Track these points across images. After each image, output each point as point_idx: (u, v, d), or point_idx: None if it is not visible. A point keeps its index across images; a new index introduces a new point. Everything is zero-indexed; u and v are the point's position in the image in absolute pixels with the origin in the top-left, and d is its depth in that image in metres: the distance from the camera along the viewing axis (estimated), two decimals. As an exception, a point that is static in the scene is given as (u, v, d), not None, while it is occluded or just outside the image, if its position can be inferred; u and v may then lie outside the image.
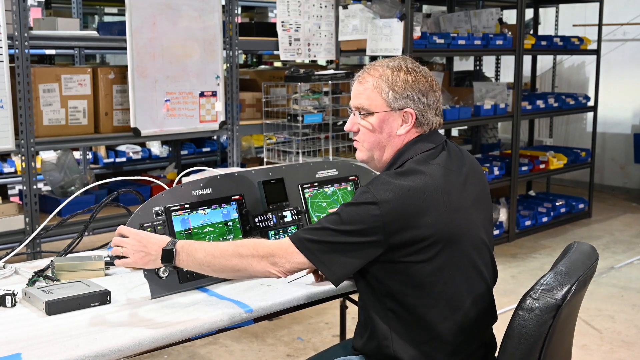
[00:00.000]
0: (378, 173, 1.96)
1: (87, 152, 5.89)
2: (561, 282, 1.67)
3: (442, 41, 5.23)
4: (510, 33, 5.83)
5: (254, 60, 8.83)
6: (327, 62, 5.44)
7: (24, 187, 3.78)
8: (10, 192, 5.65)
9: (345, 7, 5.11)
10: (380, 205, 1.74)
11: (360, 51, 5.09)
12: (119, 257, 1.87)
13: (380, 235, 1.75)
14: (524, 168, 6.20)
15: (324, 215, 2.15)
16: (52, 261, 2.14)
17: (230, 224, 2.16)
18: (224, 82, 4.46)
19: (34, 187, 3.79)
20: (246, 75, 5.91)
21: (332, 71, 4.71)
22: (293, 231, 2.30)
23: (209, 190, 2.15)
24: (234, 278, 2.01)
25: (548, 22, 8.10)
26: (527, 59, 6.92)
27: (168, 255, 1.85)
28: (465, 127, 7.17)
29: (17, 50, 3.68)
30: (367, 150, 1.95)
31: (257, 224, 2.23)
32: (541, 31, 7.89)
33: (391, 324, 1.84)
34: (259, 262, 1.80)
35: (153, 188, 4.58)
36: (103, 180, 2.78)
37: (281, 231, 2.29)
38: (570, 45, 6.63)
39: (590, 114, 7.43)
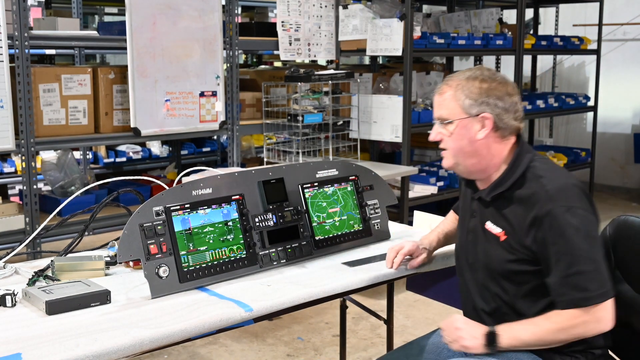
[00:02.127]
0: (462, 176, 2.12)
1: (87, 152, 5.89)
2: None
3: (442, 41, 5.23)
4: (510, 33, 5.83)
5: (254, 60, 8.83)
6: (327, 62, 5.44)
7: (24, 187, 3.78)
8: (10, 192, 5.65)
9: (345, 7, 5.11)
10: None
11: (360, 51, 5.10)
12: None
13: None
14: (524, 168, 6.20)
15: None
16: (52, 261, 2.14)
17: (230, 224, 2.16)
18: (224, 82, 4.46)
19: (34, 187, 3.79)
20: (246, 75, 5.91)
21: (332, 71, 4.71)
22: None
23: (209, 190, 2.15)
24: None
25: (548, 22, 8.10)
26: (527, 59, 6.93)
27: (492, 337, 1.94)
28: (465, 127, 7.16)
29: (17, 50, 3.68)
30: (452, 157, 2.05)
31: (257, 224, 2.22)
32: (541, 31, 7.90)
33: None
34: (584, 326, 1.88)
35: (153, 188, 4.57)
36: (103, 180, 2.79)
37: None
38: (570, 45, 6.63)
39: (590, 114, 7.43)
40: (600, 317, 1.86)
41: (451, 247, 2.42)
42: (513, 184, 1.98)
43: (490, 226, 2.03)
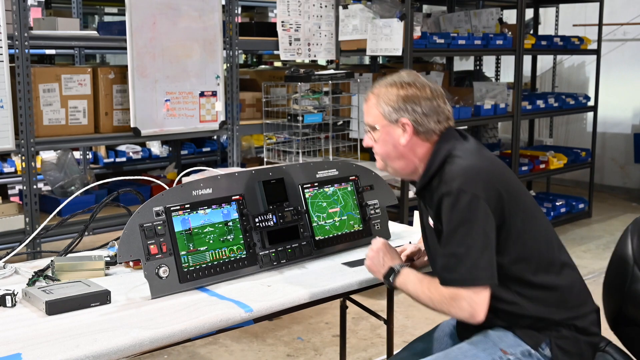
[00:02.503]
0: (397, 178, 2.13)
1: (87, 152, 5.89)
2: None
3: (442, 41, 5.23)
4: (510, 33, 5.83)
5: (254, 60, 8.83)
6: (327, 62, 5.44)
7: (24, 187, 3.78)
8: (10, 192, 5.65)
9: (345, 7, 5.11)
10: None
11: (360, 51, 5.09)
12: None
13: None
14: (524, 168, 6.20)
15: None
16: (52, 261, 2.14)
17: (230, 224, 2.16)
18: (224, 82, 4.46)
19: (34, 187, 3.79)
20: (246, 75, 5.91)
21: (332, 71, 4.71)
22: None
23: (209, 190, 2.15)
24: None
25: (548, 22, 8.10)
26: (527, 59, 6.92)
27: (390, 272, 2.08)
28: (465, 127, 7.16)
29: (17, 50, 3.68)
30: (382, 160, 2.15)
31: (257, 224, 2.22)
32: (541, 31, 7.89)
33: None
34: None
35: (153, 188, 4.57)
36: (103, 180, 2.79)
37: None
38: (570, 45, 6.63)
39: (590, 114, 7.42)
40: (462, 303, 1.92)
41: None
42: (433, 176, 2.03)
43: (430, 221, 2.09)
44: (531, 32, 7.40)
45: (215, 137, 6.41)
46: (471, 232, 1.90)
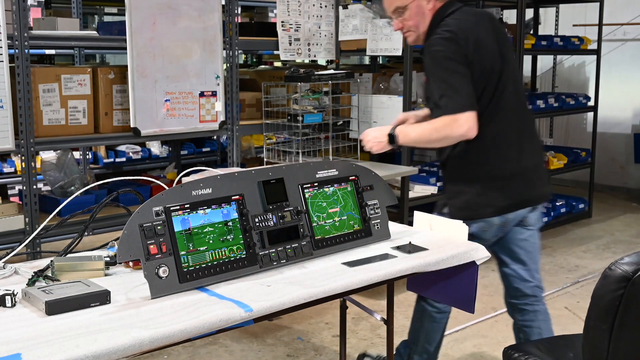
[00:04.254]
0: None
1: (87, 152, 5.89)
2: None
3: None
4: (510, 33, 5.83)
5: (254, 60, 8.83)
6: (327, 62, 5.44)
7: (24, 187, 3.78)
8: (10, 192, 5.65)
9: (345, 7, 5.11)
10: None
11: (361, 51, 5.09)
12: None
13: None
14: (524, 168, 6.19)
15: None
16: (52, 261, 2.13)
17: (230, 224, 2.16)
18: (224, 82, 4.46)
19: (34, 187, 3.79)
20: (246, 75, 5.91)
21: (332, 71, 4.71)
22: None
23: (209, 190, 2.15)
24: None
25: (548, 22, 8.10)
26: (527, 59, 6.93)
27: (391, 138, 2.77)
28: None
29: (17, 50, 3.68)
30: (413, 32, 2.83)
31: (257, 224, 2.22)
32: (541, 31, 7.89)
33: None
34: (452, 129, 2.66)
35: (153, 188, 4.57)
36: (103, 180, 2.78)
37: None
38: (571, 45, 6.63)
39: (590, 114, 7.43)
40: (461, 123, 2.62)
41: (449, 251, 2.42)
42: (430, 34, 2.76)
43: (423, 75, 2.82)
44: (531, 32, 7.41)
45: (215, 137, 6.41)
46: (449, 74, 2.66)
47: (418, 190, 5.18)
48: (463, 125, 2.62)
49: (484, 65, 2.74)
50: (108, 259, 2.22)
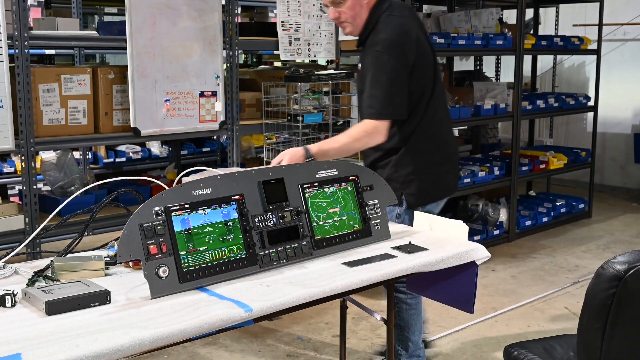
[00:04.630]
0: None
1: (87, 152, 5.89)
2: (632, 259, 1.88)
3: (442, 41, 5.23)
4: (510, 33, 5.83)
5: (254, 60, 8.83)
6: (327, 62, 5.44)
7: (24, 187, 3.78)
8: (10, 192, 5.65)
9: (345, 7, 5.10)
10: None
11: (361, 51, 5.09)
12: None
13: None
14: (524, 168, 6.20)
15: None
16: (52, 261, 2.13)
17: (230, 224, 2.16)
18: (224, 82, 4.45)
19: (34, 187, 3.79)
20: (246, 75, 5.91)
21: (332, 71, 4.71)
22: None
23: (209, 190, 2.15)
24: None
25: (548, 22, 8.10)
26: (527, 59, 6.92)
27: (306, 153, 2.70)
28: (466, 127, 7.17)
29: (17, 50, 3.68)
30: (349, 23, 2.94)
31: (257, 224, 2.22)
32: (541, 31, 7.89)
33: None
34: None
35: (153, 188, 4.57)
36: (103, 180, 2.78)
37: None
38: (571, 45, 6.63)
39: (590, 114, 7.43)
40: (380, 131, 2.78)
41: (449, 251, 2.42)
42: (371, 30, 2.89)
43: (359, 65, 2.97)
44: (531, 32, 7.41)
45: (215, 137, 6.41)
46: (386, 79, 2.78)
47: (418, 190, 5.17)
48: (381, 133, 2.82)
49: (425, 62, 2.97)
50: (108, 259, 2.22)
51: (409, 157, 3.01)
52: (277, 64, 8.26)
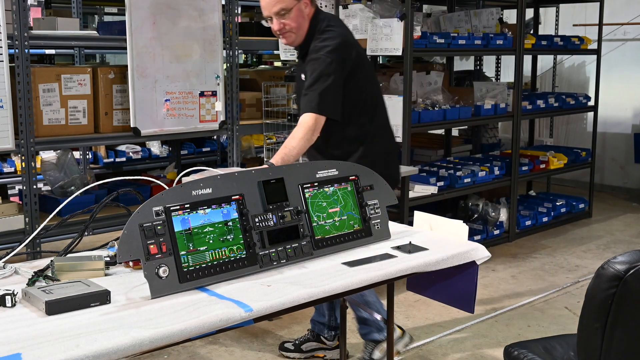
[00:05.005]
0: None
1: (87, 152, 5.89)
2: (633, 259, 1.87)
3: (442, 41, 5.23)
4: (510, 33, 5.83)
5: (254, 60, 8.83)
6: (327, 62, 5.42)
7: (24, 187, 3.78)
8: (10, 192, 5.65)
9: (345, 6, 5.10)
10: None
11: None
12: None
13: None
14: (524, 168, 6.20)
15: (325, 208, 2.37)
16: (52, 261, 2.13)
17: (230, 224, 2.16)
18: (224, 82, 4.45)
19: (34, 187, 3.79)
20: (246, 75, 5.91)
21: (332, 71, 4.69)
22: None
23: (209, 190, 2.15)
24: None
25: (548, 21, 8.10)
26: (527, 59, 6.92)
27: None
28: (466, 127, 7.17)
29: (17, 50, 3.68)
30: (293, 34, 3.06)
31: (257, 224, 2.22)
32: (541, 31, 7.89)
33: None
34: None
35: (153, 188, 4.57)
36: (103, 180, 2.78)
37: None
38: (571, 45, 6.63)
39: (590, 114, 7.43)
40: (319, 125, 2.93)
41: (449, 251, 2.42)
42: (312, 40, 3.05)
43: (302, 75, 3.09)
44: (531, 32, 7.40)
45: (215, 137, 6.41)
46: (324, 81, 2.95)
47: (418, 190, 5.17)
48: (319, 128, 2.98)
49: (369, 69, 3.24)
50: (108, 259, 2.22)
51: (368, 153, 3.19)
52: (277, 64, 8.26)
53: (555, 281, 5.07)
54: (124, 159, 6.37)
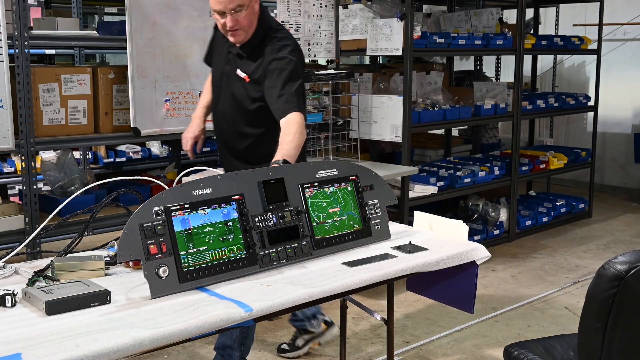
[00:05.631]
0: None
1: (87, 152, 5.89)
2: (634, 259, 1.86)
3: (442, 41, 5.23)
4: (510, 33, 5.83)
5: (254, 60, 8.80)
6: (327, 61, 5.44)
7: (24, 187, 3.78)
8: (10, 192, 5.65)
9: (345, 6, 5.10)
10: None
11: (361, 51, 5.09)
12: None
13: None
14: (524, 168, 6.20)
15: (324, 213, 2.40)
16: (52, 261, 2.13)
17: (230, 224, 2.16)
18: (224, 82, 4.45)
19: (34, 187, 3.79)
20: (246, 75, 5.89)
21: (332, 71, 4.70)
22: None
23: (209, 190, 2.15)
24: None
25: (548, 21, 8.10)
26: (527, 59, 6.93)
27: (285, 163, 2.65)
28: (466, 127, 7.17)
29: (17, 50, 3.68)
30: (244, 32, 3.02)
31: (257, 224, 2.22)
32: (541, 31, 7.89)
33: None
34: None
35: (153, 188, 4.57)
36: (103, 180, 2.78)
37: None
38: (571, 45, 6.63)
39: (590, 114, 7.43)
40: (304, 123, 2.93)
41: (449, 251, 2.42)
42: (262, 39, 3.05)
43: (239, 72, 3.07)
44: (531, 32, 7.40)
45: (214, 137, 6.40)
46: (294, 81, 2.98)
47: (418, 190, 5.18)
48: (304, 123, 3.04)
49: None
50: (108, 259, 2.22)
51: (271, 141, 3.16)
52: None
53: (555, 281, 5.07)
54: (124, 159, 6.36)
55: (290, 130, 2.88)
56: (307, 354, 3.80)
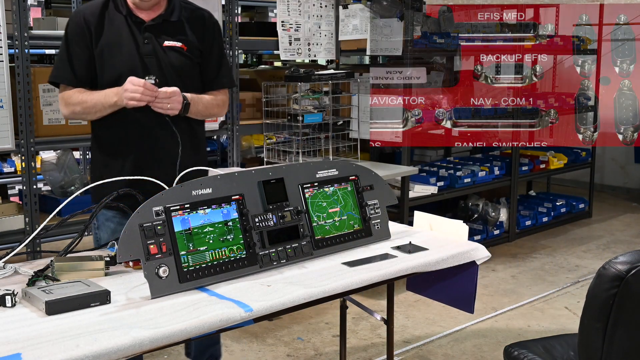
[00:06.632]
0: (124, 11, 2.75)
1: (87, 152, 5.88)
2: (634, 259, 1.87)
3: (442, 41, 5.23)
4: (510, 33, 5.83)
5: (254, 60, 8.83)
6: (327, 61, 5.44)
7: (24, 187, 3.78)
8: (10, 192, 5.65)
9: (345, 6, 5.11)
10: None
11: (361, 51, 5.09)
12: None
13: None
14: (524, 168, 6.20)
15: (324, 214, 2.41)
16: (52, 261, 2.13)
17: (230, 224, 2.16)
18: (224, 82, 4.44)
19: (34, 187, 3.79)
20: (246, 75, 5.91)
21: (332, 71, 4.70)
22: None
23: (209, 190, 2.15)
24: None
25: (548, 22, 8.09)
26: (527, 59, 6.91)
27: (187, 106, 2.68)
28: (466, 127, 7.16)
29: (17, 50, 3.67)
30: None
31: (257, 224, 2.22)
32: (541, 31, 7.88)
33: None
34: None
35: (153, 188, 4.56)
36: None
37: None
38: (571, 45, 6.62)
39: (590, 114, 7.41)
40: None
41: (449, 251, 2.43)
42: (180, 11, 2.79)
43: (169, 43, 2.75)
44: (531, 32, 7.39)
45: (215, 137, 6.41)
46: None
47: (418, 190, 5.18)
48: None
49: None
50: (108, 258, 2.22)
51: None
52: (277, 64, 8.26)
53: (555, 281, 5.07)
54: (124, 159, 6.34)
55: (217, 101, 2.91)
56: (307, 355, 3.80)
